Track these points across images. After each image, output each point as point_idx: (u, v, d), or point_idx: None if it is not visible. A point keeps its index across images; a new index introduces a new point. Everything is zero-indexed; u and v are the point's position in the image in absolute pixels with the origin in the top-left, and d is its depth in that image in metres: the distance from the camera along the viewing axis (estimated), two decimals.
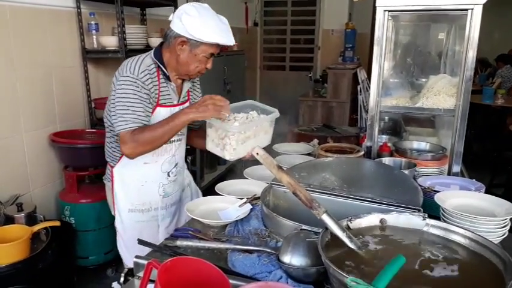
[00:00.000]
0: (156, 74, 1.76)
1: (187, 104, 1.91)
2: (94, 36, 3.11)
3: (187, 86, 1.92)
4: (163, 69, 1.77)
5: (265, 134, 1.83)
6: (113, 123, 1.73)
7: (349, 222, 1.13)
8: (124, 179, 1.89)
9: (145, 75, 1.71)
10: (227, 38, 1.68)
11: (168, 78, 1.79)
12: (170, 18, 1.73)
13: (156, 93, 1.76)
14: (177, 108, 1.85)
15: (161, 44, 1.81)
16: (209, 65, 1.78)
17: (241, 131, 1.57)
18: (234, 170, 4.09)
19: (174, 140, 1.89)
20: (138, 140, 1.64)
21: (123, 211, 1.91)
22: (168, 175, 1.93)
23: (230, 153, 1.67)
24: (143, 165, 1.84)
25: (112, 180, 1.90)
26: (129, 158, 1.70)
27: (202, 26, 1.63)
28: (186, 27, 1.64)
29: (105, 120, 1.90)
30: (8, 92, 2.58)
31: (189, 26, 1.63)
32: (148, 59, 1.76)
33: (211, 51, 1.72)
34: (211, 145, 1.77)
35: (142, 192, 1.89)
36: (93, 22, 3.08)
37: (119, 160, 1.87)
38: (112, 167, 1.91)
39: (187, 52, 1.70)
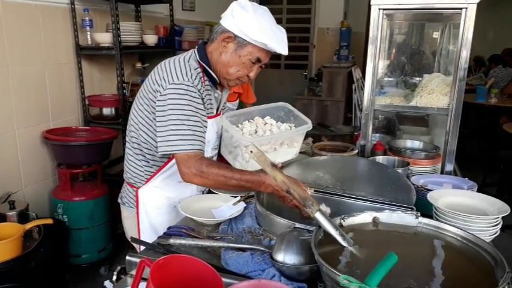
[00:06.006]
0: (202, 79, 1.54)
1: (221, 115, 1.70)
2: (88, 33, 3.09)
3: (226, 94, 1.73)
4: (211, 72, 1.55)
5: (290, 148, 1.81)
6: (159, 141, 1.46)
7: (342, 221, 1.13)
8: (153, 202, 1.66)
9: (198, 81, 1.50)
10: (279, 45, 1.49)
11: (214, 84, 1.59)
12: (222, 15, 1.54)
13: (206, 103, 1.55)
14: (219, 119, 1.67)
15: (204, 43, 1.60)
16: (252, 74, 1.57)
17: (255, 144, 1.47)
18: None
19: (212, 156, 1.72)
20: (204, 173, 1.39)
21: (150, 238, 1.58)
22: (203, 193, 1.77)
23: (241, 164, 1.64)
24: (177, 185, 1.63)
25: (137, 205, 1.66)
26: (183, 179, 1.45)
27: (254, 24, 1.44)
28: (236, 21, 1.45)
29: (131, 135, 1.65)
30: (0, 88, 2.56)
31: (240, 21, 1.44)
32: (192, 61, 1.53)
33: (258, 56, 1.51)
34: (225, 150, 1.75)
35: (173, 216, 1.64)
36: (87, 18, 3.06)
37: (146, 181, 1.64)
38: (137, 188, 1.67)
39: (232, 51, 1.50)
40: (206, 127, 1.55)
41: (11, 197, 2.57)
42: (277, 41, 1.49)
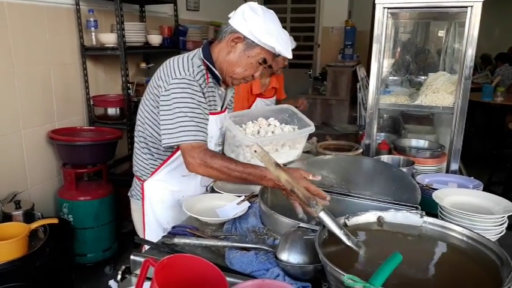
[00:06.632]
0: (206, 76, 1.59)
1: (225, 113, 1.74)
2: (93, 33, 3.11)
3: (230, 92, 1.78)
4: (214, 70, 1.61)
5: (292, 149, 1.85)
6: (163, 134, 1.51)
7: (346, 220, 1.13)
8: (157, 195, 1.71)
9: (200, 77, 1.55)
10: (286, 49, 1.55)
11: (218, 81, 1.64)
12: (230, 15, 1.59)
13: (208, 98, 1.60)
14: (223, 116, 1.72)
15: (209, 43, 1.66)
16: (257, 74, 1.63)
17: (258, 144, 1.53)
18: None
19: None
20: (208, 163, 1.43)
21: (155, 231, 1.69)
22: (206, 189, 1.80)
23: None
24: (181, 178, 1.69)
25: (142, 198, 1.72)
26: (188, 169, 1.48)
27: (264, 27, 1.51)
28: (247, 24, 1.51)
29: (138, 129, 1.71)
30: (6, 89, 2.58)
31: (250, 23, 1.50)
32: (196, 59, 1.59)
33: (264, 57, 1.57)
34: (228, 149, 1.79)
35: (177, 210, 1.68)
36: (92, 19, 3.07)
37: (151, 174, 1.70)
38: (143, 181, 1.73)
39: (240, 52, 1.56)
40: (208, 120, 1.59)
41: (16, 196, 2.58)
42: (284, 45, 1.55)
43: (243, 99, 3.18)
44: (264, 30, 1.51)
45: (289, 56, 1.58)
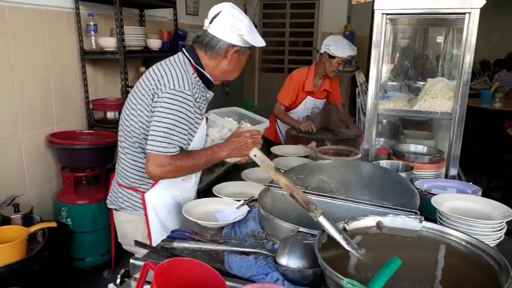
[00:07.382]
0: (199, 82, 1.65)
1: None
2: (92, 37, 3.11)
3: (211, 93, 1.84)
4: (207, 75, 1.67)
5: None
6: (148, 139, 1.56)
7: (345, 225, 1.13)
8: (161, 203, 1.73)
9: (196, 89, 1.60)
10: (261, 40, 1.68)
11: (208, 86, 1.70)
12: (206, 26, 1.64)
13: (201, 105, 1.66)
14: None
15: (192, 47, 1.69)
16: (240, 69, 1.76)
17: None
18: (231, 172, 4.09)
19: None
20: (177, 166, 1.54)
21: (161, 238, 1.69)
22: (199, 186, 1.94)
23: None
24: (180, 182, 1.75)
25: (145, 208, 1.71)
26: (152, 179, 1.62)
27: (249, 28, 1.60)
28: (242, 36, 1.59)
29: (133, 140, 1.67)
30: (5, 92, 2.58)
31: (242, 32, 1.58)
32: (189, 67, 1.62)
33: (250, 54, 1.71)
34: (211, 144, 1.79)
35: (180, 213, 1.66)
36: (91, 23, 3.08)
37: (154, 184, 1.70)
38: (143, 192, 1.72)
39: (236, 59, 1.66)
40: (194, 134, 1.64)
41: (15, 200, 2.57)
42: (258, 37, 1.66)
43: (294, 93, 3.20)
44: (250, 31, 1.60)
45: (262, 43, 1.68)
